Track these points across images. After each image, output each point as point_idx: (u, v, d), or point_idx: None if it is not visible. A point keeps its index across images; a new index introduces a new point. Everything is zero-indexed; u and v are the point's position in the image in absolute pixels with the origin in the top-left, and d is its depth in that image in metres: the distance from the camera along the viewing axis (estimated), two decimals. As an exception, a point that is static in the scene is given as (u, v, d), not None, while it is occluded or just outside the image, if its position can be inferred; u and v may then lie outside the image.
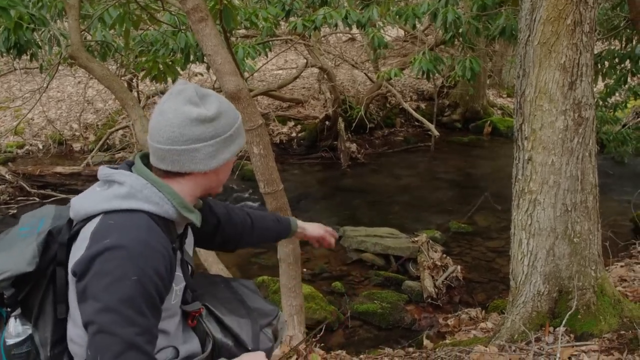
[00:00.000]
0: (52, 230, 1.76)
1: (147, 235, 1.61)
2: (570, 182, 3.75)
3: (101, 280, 1.54)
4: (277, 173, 3.64)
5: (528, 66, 3.75)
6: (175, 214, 1.72)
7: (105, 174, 1.75)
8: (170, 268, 1.67)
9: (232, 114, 1.77)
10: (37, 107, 12.01)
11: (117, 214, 1.64)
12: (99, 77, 5.04)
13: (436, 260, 6.72)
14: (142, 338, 1.57)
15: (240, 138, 1.80)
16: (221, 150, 1.74)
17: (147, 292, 1.57)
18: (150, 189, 1.69)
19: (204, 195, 1.84)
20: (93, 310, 1.54)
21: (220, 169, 1.78)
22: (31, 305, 1.76)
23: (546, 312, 3.90)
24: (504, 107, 15.32)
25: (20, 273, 1.67)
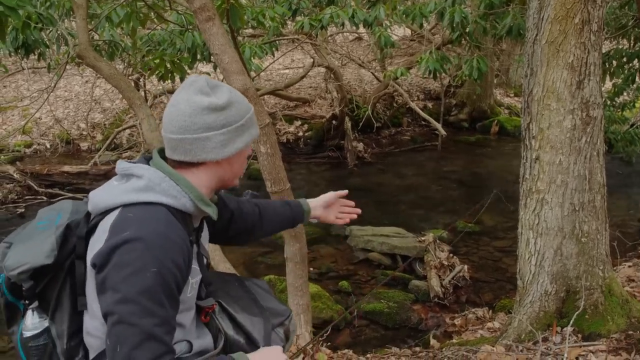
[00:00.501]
0: (70, 224, 1.77)
1: (165, 227, 1.62)
2: (578, 182, 3.74)
3: (121, 271, 1.55)
4: (284, 172, 3.64)
5: (536, 65, 3.74)
6: (193, 207, 1.74)
7: (123, 167, 1.76)
8: (188, 260, 1.69)
9: (244, 104, 1.78)
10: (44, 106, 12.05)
11: (135, 206, 1.65)
12: (107, 76, 5.05)
13: (443, 260, 6.71)
14: (161, 329, 1.58)
15: (252, 128, 1.80)
16: (233, 139, 1.75)
17: (166, 283, 1.58)
18: (168, 182, 1.70)
19: (219, 187, 1.85)
20: (113, 301, 1.55)
21: (234, 159, 1.78)
22: (48, 298, 1.77)
23: (553, 311, 3.88)
24: (511, 107, 15.28)
25: (39, 265, 1.68)
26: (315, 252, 7.49)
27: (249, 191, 2.48)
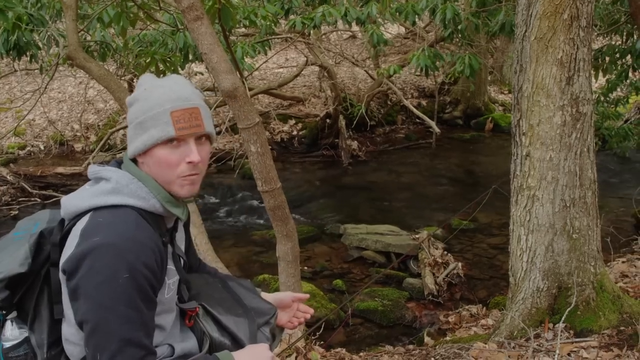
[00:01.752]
0: (43, 232, 1.77)
1: (135, 230, 1.61)
2: (568, 178, 3.74)
3: (92, 278, 1.54)
4: (274, 171, 3.63)
5: (525, 61, 3.74)
6: (162, 209, 1.73)
7: (93, 171, 1.76)
8: (162, 262, 1.67)
9: (149, 102, 1.70)
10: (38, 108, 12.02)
11: (105, 210, 1.65)
12: (97, 77, 5.05)
13: (437, 257, 6.71)
14: (139, 333, 1.58)
15: (153, 129, 1.68)
16: (132, 137, 1.73)
17: (140, 286, 1.58)
18: (136, 184, 1.70)
19: (167, 190, 1.76)
20: (87, 309, 1.56)
21: (146, 158, 1.73)
22: (27, 308, 1.77)
23: (545, 308, 3.89)
24: (505, 104, 15.30)
25: (13, 274, 1.68)
26: (309, 250, 7.49)
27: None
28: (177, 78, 1.81)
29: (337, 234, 8.05)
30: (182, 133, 1.68)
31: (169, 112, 1.68)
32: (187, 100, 1.72)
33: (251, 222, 9.04)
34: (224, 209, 9.66)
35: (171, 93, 1.71)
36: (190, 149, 1.71)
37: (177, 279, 1.83)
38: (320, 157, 12.29)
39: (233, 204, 9.92)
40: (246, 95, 3.51)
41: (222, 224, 8.97)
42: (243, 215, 9.35)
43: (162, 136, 1.68)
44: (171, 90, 1.72)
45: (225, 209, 9.68)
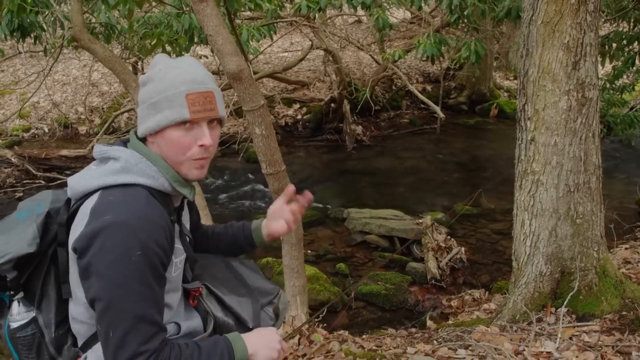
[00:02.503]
0: (50, 212, 1.77)
1: (146, 208, 1.62)
2: (573, 163, 3.74)
3: (105, 256, 1.55)
4: (279, 154, 3.64)
5: (531, 46, 3.72)
6: (171, 188, 1.74)
7: (100, 151, 1.76)
8: (171, 240, 1.69)
9: (164, 83, 1.70)
10: (42, 90, 12.02)
11: (115, 189, 1.65)
12: (102, 58, 5.03)
13: (440, 242, 6.72)
14: (151, 310, 1.60)
15: (167, 110, 1.69)
16: (145, 116, 1.72)
17: (152, 264, 1.59)
18: (145, 163, 1.70)
19: (175, 170, 1.76)
20: (100, 287, 1.56)
21: (158, 139, 1.73)
22: (34, 288, 1.78)
23: (548, 292, 3.90)
24: (511, 90, 15.24)
25: (22, 255, 1.68)
26: (312, 234, 7.51)
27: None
28: (192, 60, 1.80)
29: (340, 218, 8.06)
30: (196, 116, 1.69)
31: (184, 95, 1.68)
32: (203, 84, 1.72)
33: (255, 205, 9.06)
34: (228, 192, 9.67)
35: (187, 75, 1.71)
36: (203, 132, 1.72)
37: (184, 258, 1.84)
38: (325, 142, 12.28)
39: (237, 187, 9.93)
40: (251, 78, 3.50)
41: (226, 207, 8.99)
42: (247, 199, 9.37)
43: (176, 118, 1.68)
44: (186, 72, 1.72)
45: (229, 192, 9.70)
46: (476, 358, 3.26)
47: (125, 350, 1.56)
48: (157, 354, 1.60)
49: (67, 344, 1.84)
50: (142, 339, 1.57)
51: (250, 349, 1.82)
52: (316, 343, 3.80)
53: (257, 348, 1.83)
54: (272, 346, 1.88)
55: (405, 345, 3.81)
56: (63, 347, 1.84)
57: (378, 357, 3.48)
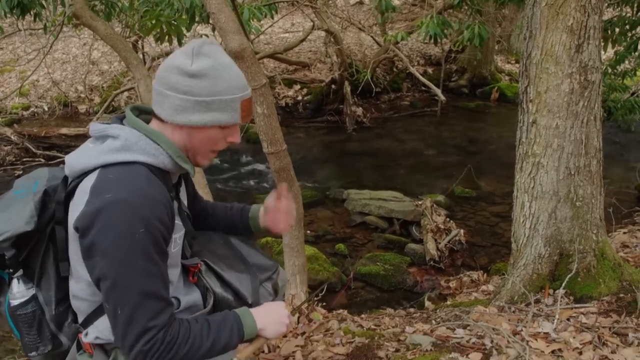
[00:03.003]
0: (47, 190, 1.78)
1: (147, 186, 1.63)
2: (574, 146, 3.74)
3: (108, 235, 1.56)
4: (280, 133, 3.64)
5: (535, 28, 3.71)
6: (171, 164, 1.74)
7: (97, 129, 1.76)
8: (172, 216, 1.70)
9: (222, 84, 1.70)
10: (42, 68, 11.98)
11: (114, 167, 1.65)
12: (103, 36, 5.02)
13: (439, 224, 6.75)
14: (158, 285, 1.63)
15: (219, 112, 1.71)
16: (189, 109, 1.70)
17: (155, 240, 1.60)
18: (145, 141, 1.70)
19: (187, 155, 1.80)
20: (105, 265, 1.58)
21: (192, 132, 1.74)
22: (33, 266, 1.80)
23: (546, 274, 3.92)
24: (512, 73, 15.21)
25: (20, 233, 1.70)
26: (312, 215, 7.53)
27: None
28: (227, 57, 1.78)
29: (340, 199, 8.09)
30: (244, 121, 1.77)
31: (239, 101, 1.72)
32: (248, 89, 1.77)
33: (255, 186, 9.08)
34: (228, 173, 9.68)
35: (240, 79, 1.74)
36: (236, 130, 1.79)
37: (183, 233, 1.86)
38: (325, 123, 12.28)
39: (237, 167, 9.93)
40: (253, 56, 3.49)
41: (225, 186, 9.00)
42: (247, 178, 9.38)
43: (228, 121, 1.73)
44: (239, 76, 1.75)
45: (229, 172, 9.71)
46: (474, 337, 3.28)
47: (135, 327, 1.59)
48: (166, 328, 1.63)
49: (68, 320, 1.86)
50: (150, 315, 1.60)
51: (260, 323, 1.85)
52: (315, 322, 3.82)
53: (266, 323, 1.87)
54: (280, 321, 1.92)
55: (403, 324, 3.84)
56: (64, 324, 1.86)
57: (377, 336, 3.50)
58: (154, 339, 1.60)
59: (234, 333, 1.78)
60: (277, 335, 1.92)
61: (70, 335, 1.88)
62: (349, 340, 3.47)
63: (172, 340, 1.64)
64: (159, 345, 1.61)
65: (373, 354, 3.21)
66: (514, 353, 3.02)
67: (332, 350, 3.33)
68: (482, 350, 3.11)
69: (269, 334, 1.89)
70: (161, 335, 1.61)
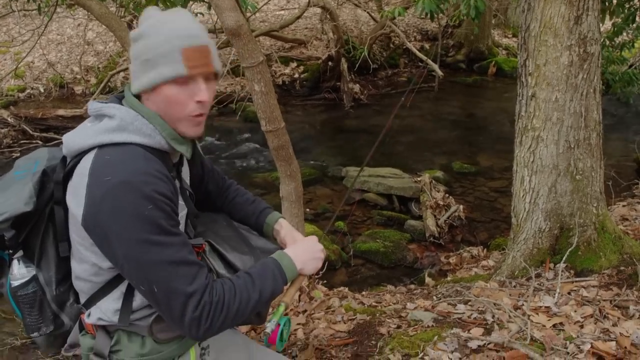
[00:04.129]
0: (46, 170, 1.77)
1: (145, 164, 1.61)
2: (573, 119, 3.72)
3: (118, 219, 1.54)
4: (278, 111, 3.61)
5: (533, 0, 3.67)
6: (167, 145, 1.72)
7: (95, 108, 1.74)
8: (175, 191, 1.69)
9: (160, 38, 1.65)
10: (37, 50, 11.90)
11: (111, 147, 1.63)
12: (98, 15, 4.97)
13: (439, 200, 6.74)
14: (183, 252, 1.61)
15: (164, 66, 1.65)
16: (140, 72, 1.69)
17: (165, 212, 1.59)
18: (140, 121, 1.68)
19: (173, 127, 1.74)
20: (124, 250, 1.56)
21: (153, 96, 1.70)
22: (33, 246, 1.79)
23: (547, 248, 3.92)
24: (509, 47, 15.14)
25: (19, 213, 1.68)
26: (311, 193, 7.52)
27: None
28: (185, 12, 1.75)
29: (338, 177, 8.08)
30: (193, 72, 1.66)
31: (180, 50, 1.64)
32: (198, 38, 1.68)
33: (253, 165, 9.06)
34: (226, 152, 9.66)
35: (181, 29, 1.67)
36: (199, 87, 1.69)
37: (185, 213, 1.85)
38: (322, 100, 12.23)
39: (235, 146, 9.91)
40: (250, 34, 3.45)
41: (223, 166, 8.98)
42: (245, 158, 9.36)
43: (172, 74, 1.65)
44: (181, 26, 1.68)
45: (227, 151, 9.69)
46: (475, 313, 3.29)
47: (177, 297, 1.58)
48: (209, 290, 1.62)
49: (70, 300, 1.86)
50: (187, 280, 1.59)
51: (299, 264, 1.89)
52: (316, 299, 3.83)
53: (304, 260, 1.92)
54: (317, 256, 1.98)
55: (404, 301, 3.85)
56: (65, 304, 1.86)
57: (378, 312, 3.51)
58: (202, 303, 1.59)
59: (277, 278, 1.79)
60: (316, 270, 1.97)
61: (73, 316, 1.87)
62: (351, 317, 3.48)
63: (220, 299, 1.63)
64: (209, 308, 1.60)
65: (375, 330, 3.22)
66: (515, 327, 3.03)
67: (333, 327, 3.34)
68: (483, 325, 3.12)
69: (308, 270, 1.93)
70: (207, 297, 1.60)
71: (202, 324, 1.60)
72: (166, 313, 1.61)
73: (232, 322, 1.67)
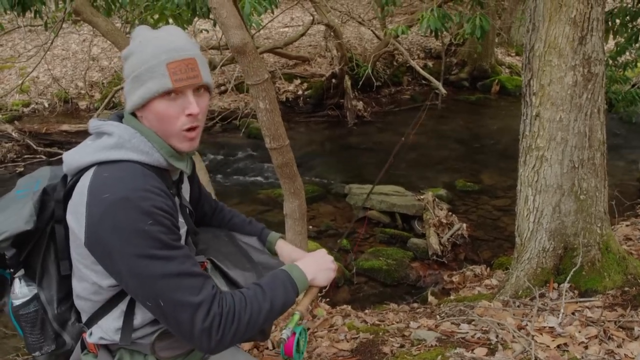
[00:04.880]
0: (46, 189, 1.76)
1: (143, 181, 1.60)
2: (578, 139, 3.72)
3: (118, 237, 1.53)
4: (283, 128, 3.62)
5: (538, 20, 3.69)
6: (165, 163, 1.72)
7: (95, 126, 1.74)
8: (174, 207, 1.68)
9: (145, 55, 1.66)
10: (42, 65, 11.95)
11: (109, 165, 1.63)
12: (104, 32, 5.00)
13: (442, 218, 6.73)
14: (186, 264, 1.59)
15: (151, 82, 1.65)
16: (131, 91, 1.69)
17: (165, 226, 1.58)
18: (138, 139, 1.68)
19: (168, 143, 1.74)
20: (127, 267, 1.55)
21: (145, 113, 1.70)
22: (34, 265, 1.78)
23: (551, 268, 3.91)
24: (512, 66, 15.17)
25: (20, 232, 1.68)
26: (314, 210, 7.52)
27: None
28: (171, 28, 1.76)
29: (342, 194, 8.08)
30: (179, 85, 1.65)
31: (164, 64, 1.64)
32: (183, 51, 1.68)
33: (256, 181, 9.07)
34: (230, 168, 9.67)
35: (166, 44, 1.67)
36: (188, 100, 1.69)
37: (185, 230, 1.84)
38: (326, 117, 12.26)
39: (238, 162, 9.93)
40: (255, 51, 3.47)
41: (227, 182, 8.99)
42: (248, 174, 9.37)
43: (159, 89, 1.64)
44: (166, 41, 1.68)
45: (230, 167, 9.70)
46: (479, 332, 3.28)
47: (184, 310, 1.56)
48: (217, 300, 1.60)
49: (71, 319, 1.85)
50: (193, 292, 1.57)
51: (309, 274, 1.88)
52: (319, 317, 3.82)
53: (314, 272, 1.91)
54: (328, 267, 1.97)
55: (407, 320, 3.83)
56: (67, 323, 1.85)
57: (381, 331, 3.50)
58: (211, 313, 1.57)
59: (288, 289, 1.77)
60: (328, 281, 1.95)
61: (74, 335, 1.86)
62: (354, 336, 3.47)
63: (230, 310, 1.61)
64: (219, 319, 1.58)
65: (378, 349, 3.20)
66: (519, 348, 3.01)
67: (336, 346, 3.33)
68: (487, 345, 3.10)
69: (320, 281, 1.92)
70: (217, 308, 1.58)
71: (214, 335, 1.58)
72: (175, 327, 1.59)
73: (244, 334, 1.64)
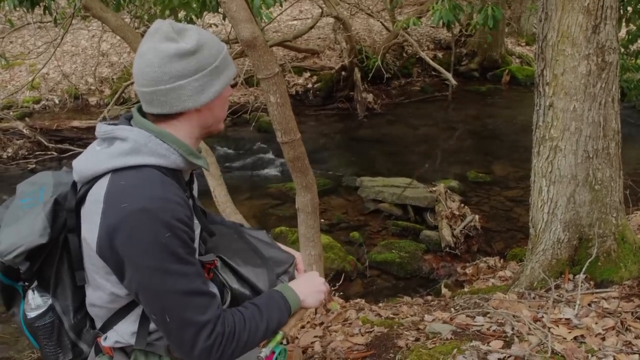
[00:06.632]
0: (58, 198, 1.71)
1: (162, 190, 1.58)
2: (592, 129, 3.68)
3: (135, 247, 1.52)
4: (294, 122, 3.60)
5: (550, 9, 3.65)
6: (183, 163, 1.69)
7: (104, 131, 1.69)
8: (191, 214, 1.66)
9: (215, 45, 1.69)
10: (52, 61, 11.98)
11: (126, 172, 1.59)
12: (113, 27, 4.99)
13: (454, 210, 6.71)
14: (197, 282, 1.60)
15: (228, 69, 1.72)
16: (209, 83, 1.67)
17: (182, 240, 1.57)
18: (154, 141, 1.64)
19: (205, 135, 1.78)
20: (140, 278, 1.55)
21: (214, 103, 1.71)
22: (47, 276, 1.75)
23: (566, 259, 3.88)
24: (523, 56, 15.07)
25: (35, 246, 1.64)
26: (326, 203, 7.50)
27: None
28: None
29: (353, 187, 8.06)
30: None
31: (227, 52, 1.74)
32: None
33: (267, 175, 9.07)
34: (240, 162, 9.68)
35: (214, 36, 1.75)
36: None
37: (199, 231, 1.83)
38: (336, 110, 12.24)
39: (249, 157, 9.93)
40: (266, 45, 3.45)
41: (238, 177, 8.99)
42: (259, 168, 9.37)
43: (232, 74, 1.75)
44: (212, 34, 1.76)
45: (241, 162, 9.71)
46: (495, 325, 3.25)
47: (189, 328, 1.58)
48: (221, 320, 1.62)
49: (86, 327, 1.83)
50: (200, 311, 1.58)
51: (301, 295, 1.91)
52: (333, 312, 3.81)
53: (306, 293, 1.93)
54: (318, 289, 1.99)
55: (422, 313, 3.81)
56: (82, 331, 1.83)
57: (396, 325, 3.48)
58: (214, 333, 1.59)
59: (282, 309, 1.81)
60: (317, 303, 1.98)
61: (90, 342, 1.84)
62: (368, 329, 3.45)
63: (231, 330, 1.63)
64: (221, 339, 1.60)
65: (393, 343, 3.19)
66: (535, 340, 2.99)
67: (351, 340, 3.32)
68: (503, 337, 3.08)
69: (309, 303, 1.94)
70: (220, 328, 1.60)
71: (213, 354, 1.60)
72: (176, 343, 1.60)
73: (240, 352, 1.67)
